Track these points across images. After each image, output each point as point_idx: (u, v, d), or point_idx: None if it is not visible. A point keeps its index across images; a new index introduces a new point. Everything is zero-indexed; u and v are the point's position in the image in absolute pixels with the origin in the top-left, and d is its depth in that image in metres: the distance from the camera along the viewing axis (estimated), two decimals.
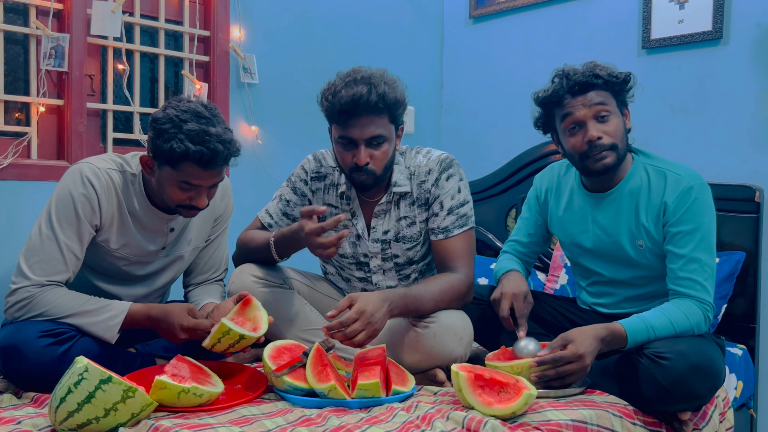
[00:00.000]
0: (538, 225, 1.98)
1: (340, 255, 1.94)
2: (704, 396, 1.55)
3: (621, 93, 1.72)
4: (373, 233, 1.89)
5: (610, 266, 1.81)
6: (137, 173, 1.72)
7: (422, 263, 1.95)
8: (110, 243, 1.70)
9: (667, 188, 1.68)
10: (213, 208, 1.86)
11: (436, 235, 1.85)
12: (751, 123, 2.32)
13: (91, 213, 1.64)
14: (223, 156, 1.58)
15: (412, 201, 1.88)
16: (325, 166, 1.95)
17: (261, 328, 1.59)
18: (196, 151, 1.54)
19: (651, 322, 1.59)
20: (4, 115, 2.16)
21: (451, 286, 1.76)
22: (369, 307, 1.56)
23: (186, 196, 1.63)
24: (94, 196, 1.64)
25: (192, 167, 1.57)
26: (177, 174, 1.59)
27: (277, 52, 2.76)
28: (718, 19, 2.37)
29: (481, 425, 1.35)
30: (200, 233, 1.86)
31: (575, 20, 2.81)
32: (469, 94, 3.22)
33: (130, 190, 1.71)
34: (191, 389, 1.40)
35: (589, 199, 1.81)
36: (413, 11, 3.21)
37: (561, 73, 1.73)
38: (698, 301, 1.62)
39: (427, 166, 1.86)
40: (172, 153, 1.55)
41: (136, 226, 1.72)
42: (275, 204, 1.96)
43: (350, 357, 1.75)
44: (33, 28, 2.17)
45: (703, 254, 1.64)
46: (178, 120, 1.55)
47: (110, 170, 1.68)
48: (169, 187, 1.62)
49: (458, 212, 1.85)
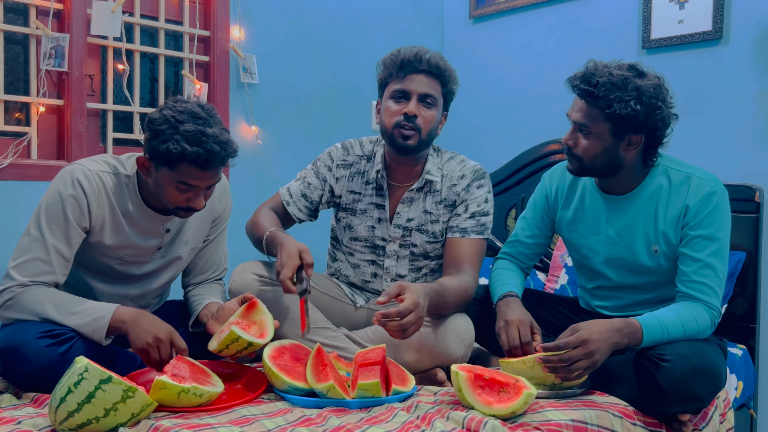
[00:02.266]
0: (543, 226, 1.94)
1: (353, 239, 1.96)
2: (704, 399, 1.54)
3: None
4: (397, 218, 1.92)
5: (619, 271, 1.78)
6: (132, 174, 1.70)
7: (436, 261, 1.97)
8: (104, 242, 1.69)
9: (690, 191, 1.66)
10: (211, 209, 1.86)
11: (453, 233, 1.88)
12: (751, 123, 2.32)
13: (79, 214, 1.62)
14: (220, 157, 1.57)
15: (439, 200, 1.91)
16: (352, 154, 1.98)
17: (268, 333, 1.59)
18: (193, 152, 1.53)
19: (665, 322, 1.56)
20: (4, 115, 2.16)
21: (466, 291, 1.78)
22: (421, 299, 1.56)
23: (183, 197, 1.61)
24: (83, 197, 1.62)
25: (189, 168, 1.56)
26: (174, 175, 1.57)
27: (277, 52, 2.76)
28: (718, 19, 2.37)
29: (481, 425, 1.35)
30: (198, 233, 1.86)
31: (575, 20, 2.81)
32: (469, 94, 3.21)
33: (124, 192, 1.69)
34: (191, 389, 1.40)
35: (605, 201, 1.78)
36: (413, 11, 3.21)
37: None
38: (708, 306, 1.61)
39: (461, 172, 1.93)
40: (168, 154, 1.53)
41: (130, 227, 1.70)
42: (297, 184, 1.99)
43: (350, 357, 1.75)
44: (33, 28, 2.17)
45: (718, 261, 1.62)
46: (174, 121, 1.54)
47: (102, 172, 1.67)
48: (166, 188, 1.61)
49: (479, 219, 1.89)
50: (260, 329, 1.61)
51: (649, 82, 1.61)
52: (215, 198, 1.85)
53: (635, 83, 1.60)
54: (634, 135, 1.64)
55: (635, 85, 1.59)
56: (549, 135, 2.71)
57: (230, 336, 1.54)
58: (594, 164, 1.69)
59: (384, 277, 1.95)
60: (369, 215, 1.95)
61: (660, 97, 1.62)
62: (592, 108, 1.63)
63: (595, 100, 1.62)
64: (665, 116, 1.64)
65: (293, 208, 1.96)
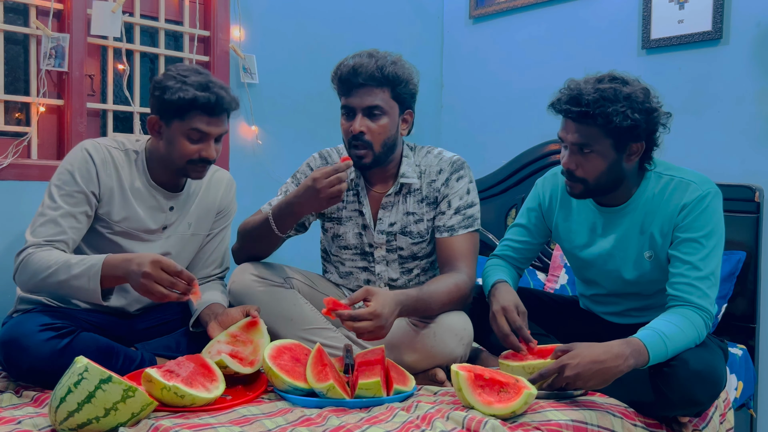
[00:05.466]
0: (536, 233, 1.90)
1: (342, 248, 1.95)
2: (704, 403, 1.52)
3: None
4: (379, 224, 1.91)
5: (615, 281, 1.77)
6: (140, 151, 1.79)
7: (426, 260, 1.96)
8: (111, 215, 1.74)
9: (681, 195, 1.64)
10: (216, 199, 1.90)
11: (441, 233, 1.86)
12: (751, 123, 2.32)
13: (88, 179, 1.69)
14: (227, 101, 1.68)
15: (420, 198, 1.90)
16: (330, 163, 1.96)
17: (257, 362, 1.61)
18: (203, 96, 1.63)
19: (669, 340, 1.49)
20: (4, 115, 2.16)
21: (458, 289, 1.76)
22: (385, 310, 1.55)
23: (196, 149, 1.69)
24: (92, 164, 1.70)
25: (199, 115, 1.66)
26: (185, 124, 1.66)
27: (277, 52, 2.76)
28: (717, 19, 2.37)
29: (481, 425, 1.35)
30: (202, 220, 1.88)
31: (575, 20, 2.81)
32: (469, 94, 3.22)
33: (132, 167, 1.77)
34: (172, 387, 1.39)
35: (600, 213, 1.75)
36: (413, 11, 3.21)
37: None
38: (699, 309, 1.57)
39: (438, 166, 1.89)
40: (180, 102, 1.63)
41: (137, 201, 1.76)
42: (280, 198, 1.96)
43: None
44: (33, 28, 2.17)
45: (709, 263, 1.59)
46: (180, 76, 1.66)
47: (110, 147, 1.76)
48: (178, 141, 1.68)
49: (465, 213, 1.86)
50: (254, 352, 1.62)
51: (636, 88, 1.59)
52: (222, 191, 1.91)
53: (624, 92, 1.56)
54: (635, 143, 1.62)
55: (626, 95, 1.56)
56: (549, 135, 2.70)
57: (219, 362, 1.56)
58: (600, 182, 1.65)
59: (377, 282, 1.94)
60: (355, 222, 1.93)
61: (652, 100, 1.61)
62: (590, 127, 1.59)
63: (592, 120, 1.57)
64: (661, 117, 1.64)
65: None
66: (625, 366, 1.45)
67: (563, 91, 1.64)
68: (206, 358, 1.56)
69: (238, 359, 1.59)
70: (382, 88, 1.79)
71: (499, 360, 1.63)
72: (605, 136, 1.59)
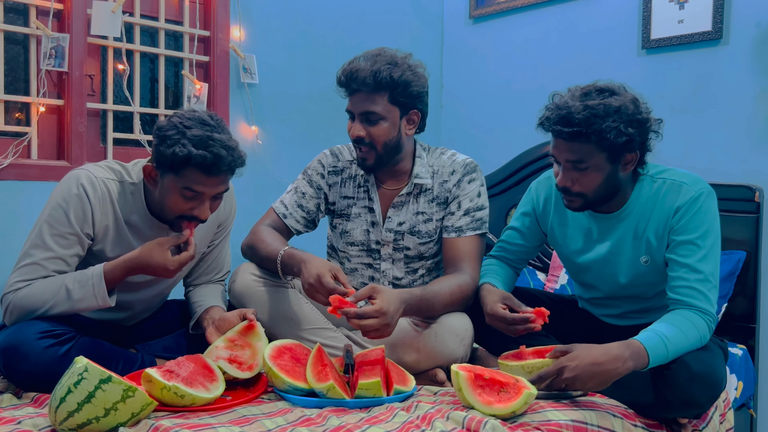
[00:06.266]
0: (531, 237, 1.89)
1: (349, 244, 1.95)
2: (704, 405, 1.52)
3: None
4: (388, 222, 1.91)
5: (612, 286, 1.76)
6: (138, 182, 1.67)
7: (432, 261, 1.96)
8: (105, 252, 1.66)
9: (674, 197, 1.63)
10: (216, 214, 1.83)
11: (449, 233, 1.87)
12: (751, 123, 2.32)
13: (83, 221, 1.60)
14: (226, 161, 1.54)
15: (432, 198, 1.90)
16: (342, 160, 1.97)
17: (256, 366, 1.60)
18: (199, 155, 1.50)
19: (668, 338, 1.49)
20: (4, 115, 2.16)
21: (461, 290, 1.76)
22: (391, 308, 1.56)
23: (188, 205, 1.58)
24: (88, 205, 1.60)
25: (195, 173, 1.53)
26: (179, 180, 1.54)
27: (277, 52, 2.76)
28: (717, 19, 2.37)
29: (481, 425, 1.35)
30: (203, 239, 1.84)
31: (575, 20, 2.81)
32: (469, 94, 3.22)
33: (128, 201, 1.66)
34: (172, 387, 1.39)
35: (595, 220, 1.74)
36: (413, 11, 3.21)
37: None
38: (701, 312, 1.55)
39: (451, 167, 1.90)
40: (174, 157, 1.51)
41: (134, 236, 1.68)
42: (290, 196, 1.96)
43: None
44: (33, 28, 2.17)
45: (707, 264, 1.58)
46: (182, 126, 1.53)
47: (108, 180, 1.64)
48: (171, 195, 1.57)
49: (474, 215, 1.87)
50: (253, 355, 1.61)
51: (625, 99, 1.56)
52: (221, 206, 1.82)
53: (614, 105, 1.54)
54: (629, 153, 1.60)
55: (615, 108, 1.53)
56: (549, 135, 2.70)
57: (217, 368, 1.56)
58: (598, 195, 1.64)
59: (381, 280, 1.94)
60: (363, 218, 1.93)
61: (642, 109, 1.59)
62: (584, 144, 1.56)
63: (585, 138, 1.55)
64: (653, 125, 1.62)
65: (291, 220, 1.93)
66: (623, 368, 1.45)
67: (551, 109, 1.61)
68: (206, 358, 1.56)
69: (236, 363, 1.58)
70: (379, 93, 1.78)
71: (499, 360, 1.63)
72: (599, 150, 1.57)
